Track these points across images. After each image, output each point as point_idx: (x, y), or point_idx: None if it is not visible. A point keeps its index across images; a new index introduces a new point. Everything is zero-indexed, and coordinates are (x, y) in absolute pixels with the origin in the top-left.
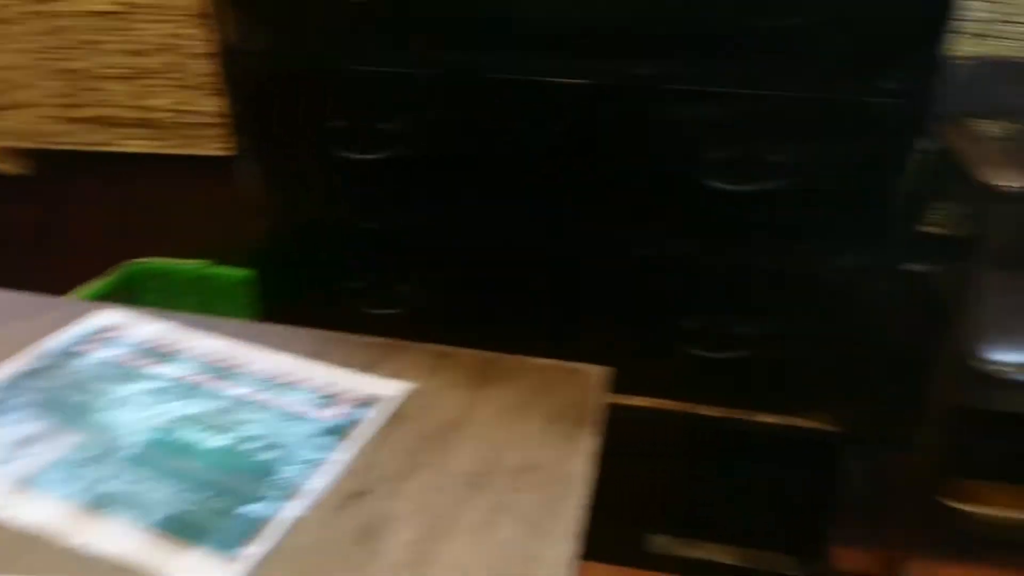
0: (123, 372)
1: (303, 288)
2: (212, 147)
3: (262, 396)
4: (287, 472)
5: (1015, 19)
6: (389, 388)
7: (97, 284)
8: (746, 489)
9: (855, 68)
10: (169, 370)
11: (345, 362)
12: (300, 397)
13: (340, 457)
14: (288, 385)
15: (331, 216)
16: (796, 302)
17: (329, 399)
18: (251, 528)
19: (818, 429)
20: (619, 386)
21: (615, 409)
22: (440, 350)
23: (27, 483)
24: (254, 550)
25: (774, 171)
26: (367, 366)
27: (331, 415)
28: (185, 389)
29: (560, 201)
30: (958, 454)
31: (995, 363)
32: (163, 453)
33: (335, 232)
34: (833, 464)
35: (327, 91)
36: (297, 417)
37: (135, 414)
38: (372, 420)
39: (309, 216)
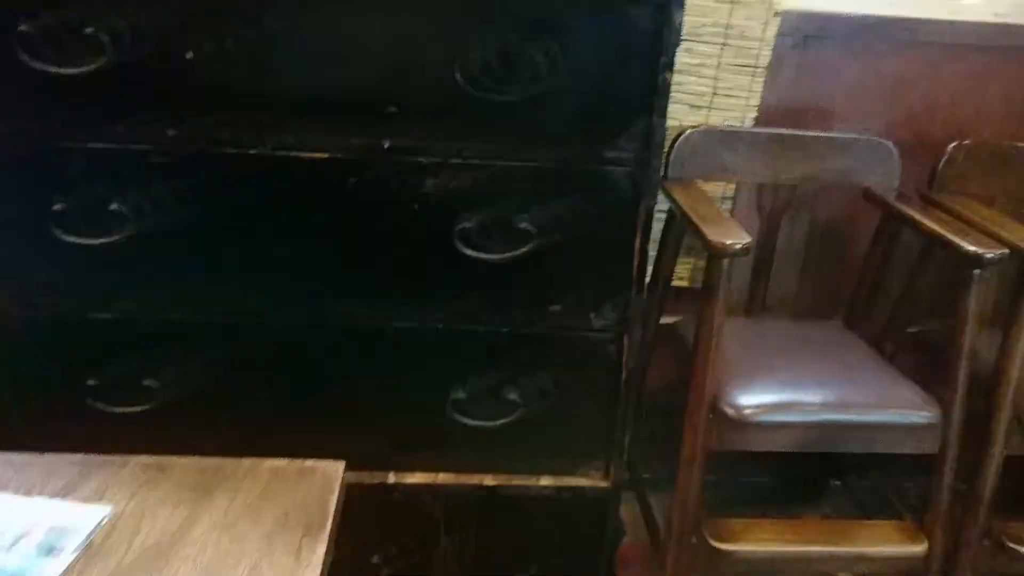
0: None
1: (24, 392)
2: None
3: None
4: None
5: (729, 93)
6: (86, 515)
7: None
8: (534, 554)
9: (586, 138)
10: None
11: (38, 488)
12: None
13: None
14: None
15: (57, 308)
16: (559, 362)
17: (9, 539)
18: None
19: (592, 486)
20: (397, 464)
21: (395, 489)
22: (154, 462)
23: None
24: None
25: (524, 237)
26: (65, 490)
27: (7, 561)
28: None
29: (314, 279)
30: (720, 491)
31: (738, 406)
32: None
33: (63, 326)
34: (610, 516)
35: (40, 170)
36: None
37: None
38: (60, 558)
39: (29, 309)
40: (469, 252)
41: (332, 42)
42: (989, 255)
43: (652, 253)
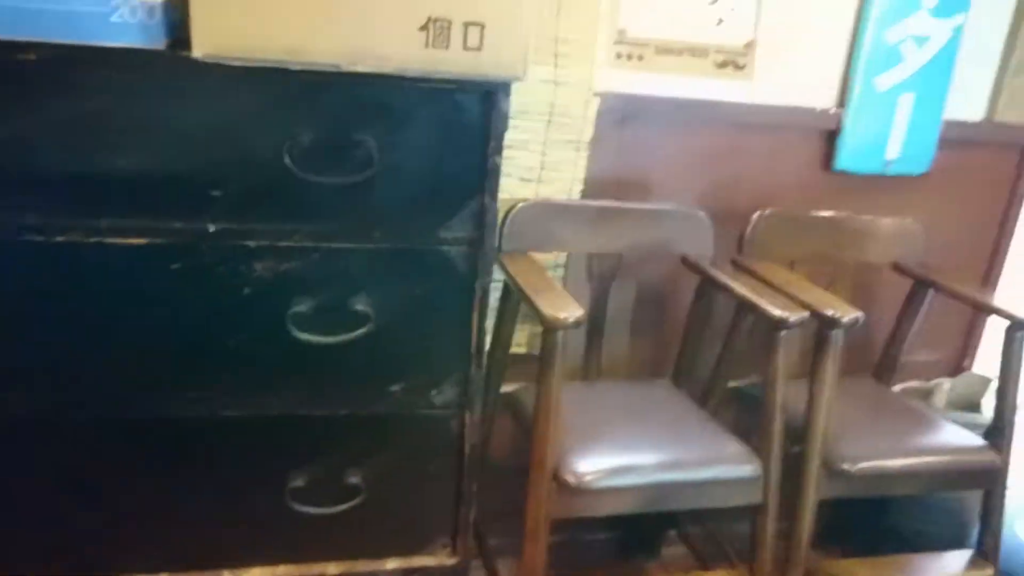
0: None
1: None
2: None
3: None
4: None
5: (556, 167)
6: None
7: None
8: None
9: (421, 219)
10: None
11: None
12: None
13: None
14: None
15: None
16: (401, 442)
17: None
18: None
19: (439, 564)
20: (232, 561)
21: None
22: None
23: None
24: None
25: (361, 319)
26: None
27: None
28: None
29: (135, 370)
30: (565, 551)
31: (578, 474)
32: None
33: None
34: None
35: None
36: None
37: None
38: None
39: None
40: (303, 336)
41: (151, 125)
42: (792, 318)
43: (490, 323)
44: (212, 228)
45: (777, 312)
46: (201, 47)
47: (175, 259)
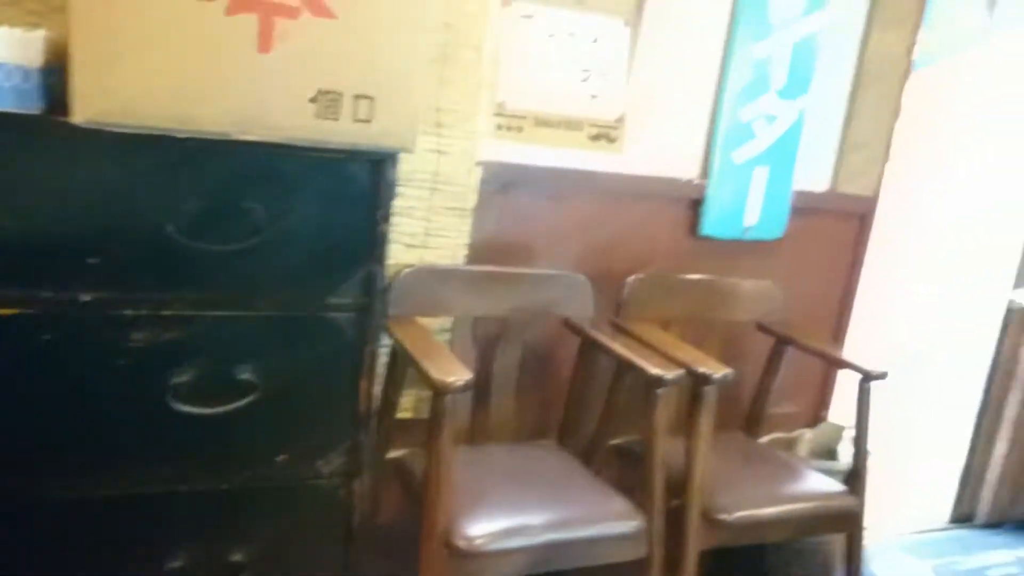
0: None
1: None
2: None
3: None
4: None
5: (441, 233)
6: None
7: None
8: None
9: (309, 287)
10: None
11: None
12: None
13: None
14: None
15: None
16: (287, 514)
17: None
18: None
19: None
20: None
21: None
22: None
23: None
24: None
25: (246, 388)
26: None
27: None
28: None
29: (5, 446)
30: None
31: (469, 537)
32: None
33: None
34: None
35: None
36: None
37: None
38: None
39: None
40: (183, 408)
41: (23, 190)
42: (668, 376)
43: (377, 389)
44: (85, 297)
45: (654, 371)
46: (82, 113)
47: (45, 330)
